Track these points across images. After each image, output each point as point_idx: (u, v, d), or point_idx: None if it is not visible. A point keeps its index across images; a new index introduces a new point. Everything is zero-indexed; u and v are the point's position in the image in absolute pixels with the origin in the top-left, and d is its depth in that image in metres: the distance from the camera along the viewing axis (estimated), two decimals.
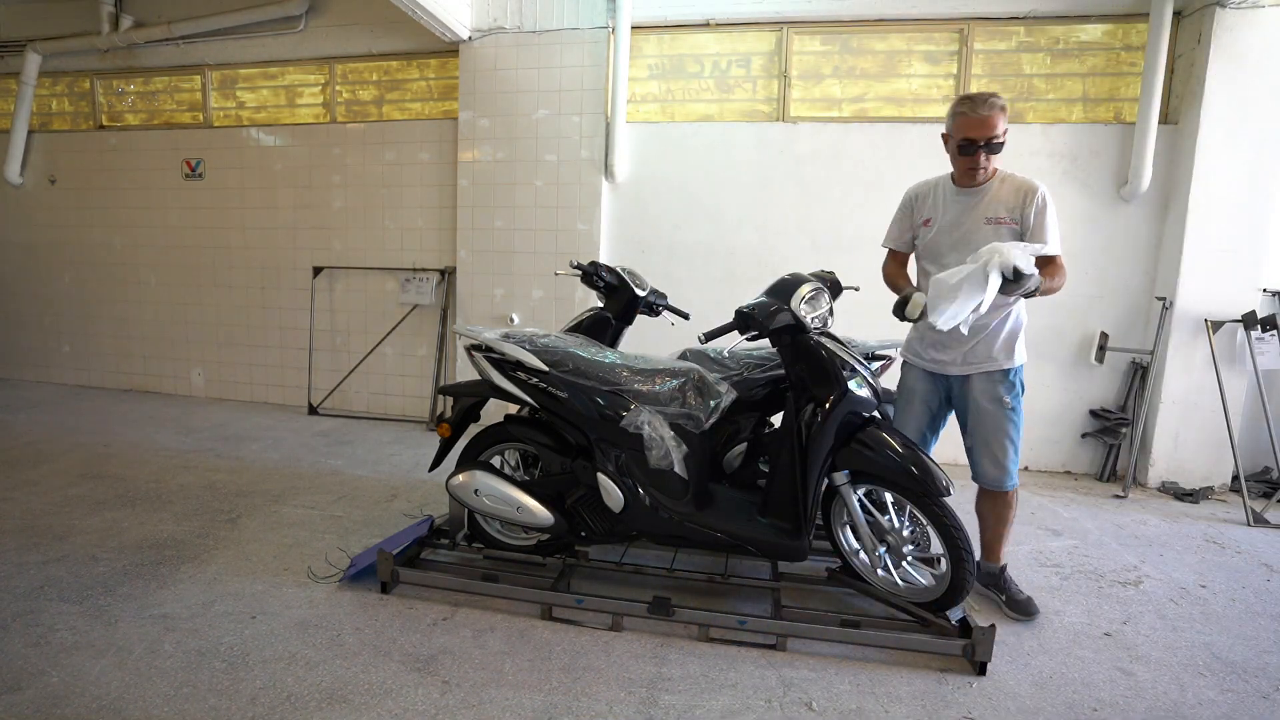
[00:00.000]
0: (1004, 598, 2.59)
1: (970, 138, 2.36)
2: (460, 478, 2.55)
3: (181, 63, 5.72)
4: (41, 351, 6.42)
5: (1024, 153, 4.40)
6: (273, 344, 5.79)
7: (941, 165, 4.58)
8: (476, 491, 2.51)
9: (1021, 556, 3.11)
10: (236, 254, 5.80)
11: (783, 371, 2.48)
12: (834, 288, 2.55)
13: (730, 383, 2.57)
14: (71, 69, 6.02)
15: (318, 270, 5.57)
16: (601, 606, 2.38)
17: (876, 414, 2.40)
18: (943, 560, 2.33)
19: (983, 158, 2.39)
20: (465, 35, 4.86)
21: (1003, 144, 2.38)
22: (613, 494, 2.44)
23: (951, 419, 2.70)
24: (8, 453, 4.15)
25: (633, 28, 4.67)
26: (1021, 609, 2.53)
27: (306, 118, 5.57)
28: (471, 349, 2.61)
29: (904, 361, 2.73)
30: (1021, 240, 2.36)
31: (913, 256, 2.70)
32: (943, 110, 4.54)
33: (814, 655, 2.22)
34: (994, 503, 2.58)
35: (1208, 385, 4.12)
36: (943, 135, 2.51)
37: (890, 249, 2.73)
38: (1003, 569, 2.63)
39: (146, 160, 5.91)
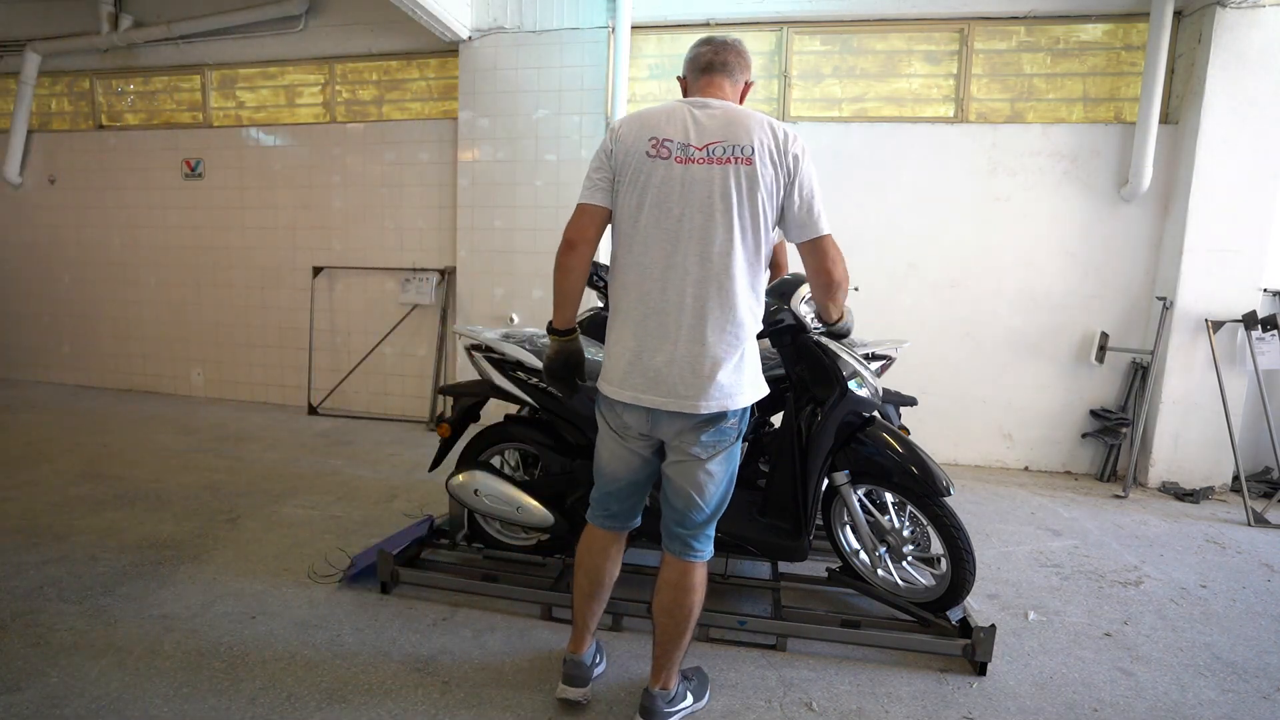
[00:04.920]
0: None
1: None
2: (460, 478, 2.54)
3: (181, 62, 5.72)
4: (41, 351, 6.42)
5: (1024, 153, 4.40)
6: (272, 344, 5.79)
7: (943, 164, 4.61)
8: (476, 491, 2.51)
9: (1022, 557, 3.11)
10: (236, 254, 5.80)
11: (783, 371, 2.48)
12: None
13: None
14: (71, 69, 6.01)
15: (318, 270, 5.56)
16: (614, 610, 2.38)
17: (876, 414, 2.39)
18: (943, 560, 2.33)
19: None
20: (465, 35, 4.86)
21: None
22: None
23: None
24: (8, 453, 4.15)
25: (633, 28, 4.66)
26: None
27: (306, 118, 5.57)
28: (471, 349, 2.61)
29: None
30: None
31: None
32: (943, 110, 4.55)
33: (814, 655, 2.22)
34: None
35: (1208, 385, 4.12)
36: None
37: None
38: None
39: (146, 160, 5.91)
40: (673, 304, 1.61)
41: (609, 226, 1.72)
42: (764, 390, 1.73)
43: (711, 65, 1.72)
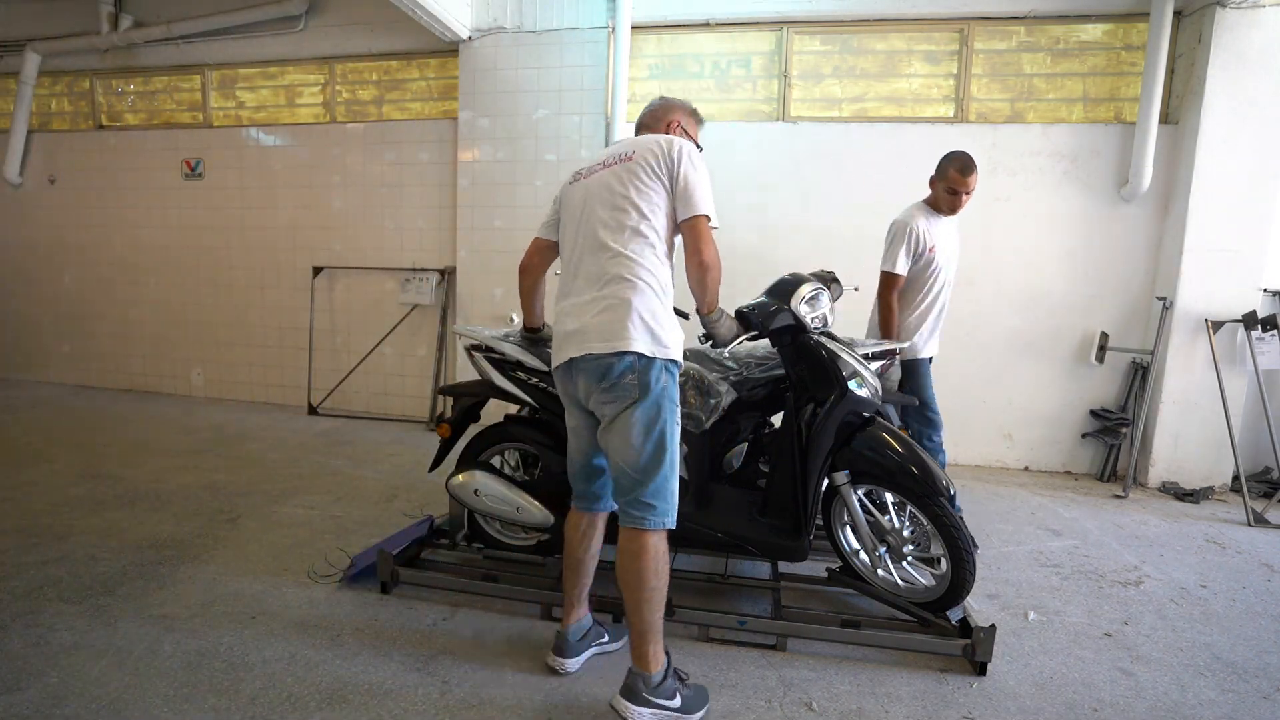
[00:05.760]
0: None
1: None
2: (460, 478, 2.54)
3: (181, 62, 5.72)
4: (41, 351, 6.43)
5: (1024, 153, 4.40)
6: (272, 344, 5.79)
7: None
8: (476, 491, 2.50)
9: (1021, 557, 3.11)
10: (236, 254, 5.80)
11: (783, 371, 2.48)
12: (834, 287, 2.54)
13: (730, 383, 2.57)
14: (71, 69, 6.02)
15: (318, 270, 5.57)
16: (601, 606, 2.38)
17: (877, 414, 2.39)
18: (943, 560, 2.33)
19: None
20: (465, 35, 4.86)
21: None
22: None
23: None
24: (8, 453, 4.15)
25: (633, 27, 4.67)
26: None
27: (306, 118, 5.57)
28: (471, 349, 2.61)
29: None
30: None
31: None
32: (943, 110, 4.55)
33: (814, 655, 2.22)
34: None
35: (1208, 385, 4.12)
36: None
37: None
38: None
39: (146, 160, 5.91)
40: (572, 274, 1.95)
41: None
42: (665, 352, 1.82)
43: (638, 126, 2.19)
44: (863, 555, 2.50)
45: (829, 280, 2.56)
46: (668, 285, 1.91)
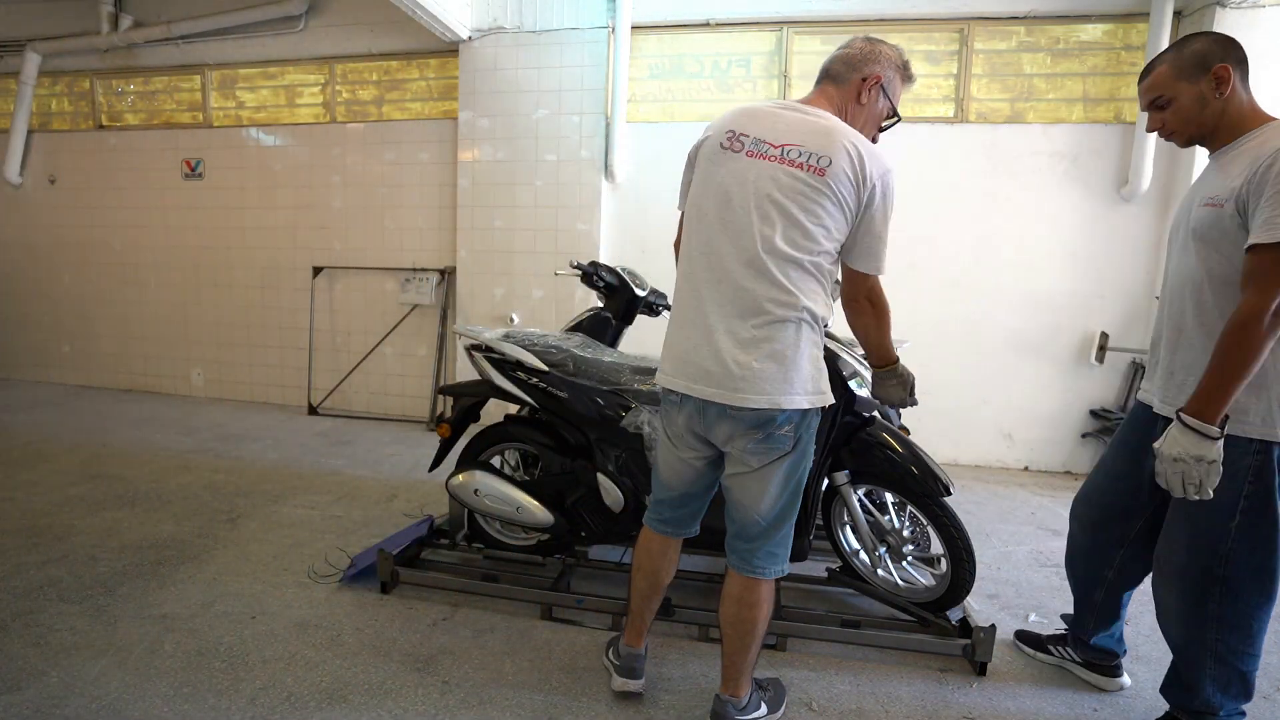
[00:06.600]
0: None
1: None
2: (460, 478, 2.55)
3: (181, 62, 5.72)
4: (41, 351, 6.42)
5: (1024, 153, 4.40)
6: (273, 344, 5.79)
7: (943, 164, 4.60)
8: (476, 491, 2.51)
9: (1021, 557, 3.11)
10: (236, 254, 5.80)
11: None
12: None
13: None
14: (71, 69, 6.02)
15: (318, 270, 5.56)
16: (601, 606, 2.38)
17: (876, 414, 2.39)
18: (943, 560, 2.33)
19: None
20: (465, 35, 4.86)
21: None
22: (613, 494, 2.44)
23: None
24: (8, 453, 4.15)
25: (633, 28, 4.67)
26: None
27: (306, 118, 5.57)
28: (471, 349, 2.61)
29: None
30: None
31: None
32: (943, 110, 4.55)
33: (814, 655, 2.22)
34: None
35: None
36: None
37: None
38: None
39: (146, 160, 5.91)
40: (711, 280, 1.64)
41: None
42: (823, 399, 1.65)
43: (824, 73, 1.78)
44: (863, 555, 2.50)
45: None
46: (828, 316, 1.68)
